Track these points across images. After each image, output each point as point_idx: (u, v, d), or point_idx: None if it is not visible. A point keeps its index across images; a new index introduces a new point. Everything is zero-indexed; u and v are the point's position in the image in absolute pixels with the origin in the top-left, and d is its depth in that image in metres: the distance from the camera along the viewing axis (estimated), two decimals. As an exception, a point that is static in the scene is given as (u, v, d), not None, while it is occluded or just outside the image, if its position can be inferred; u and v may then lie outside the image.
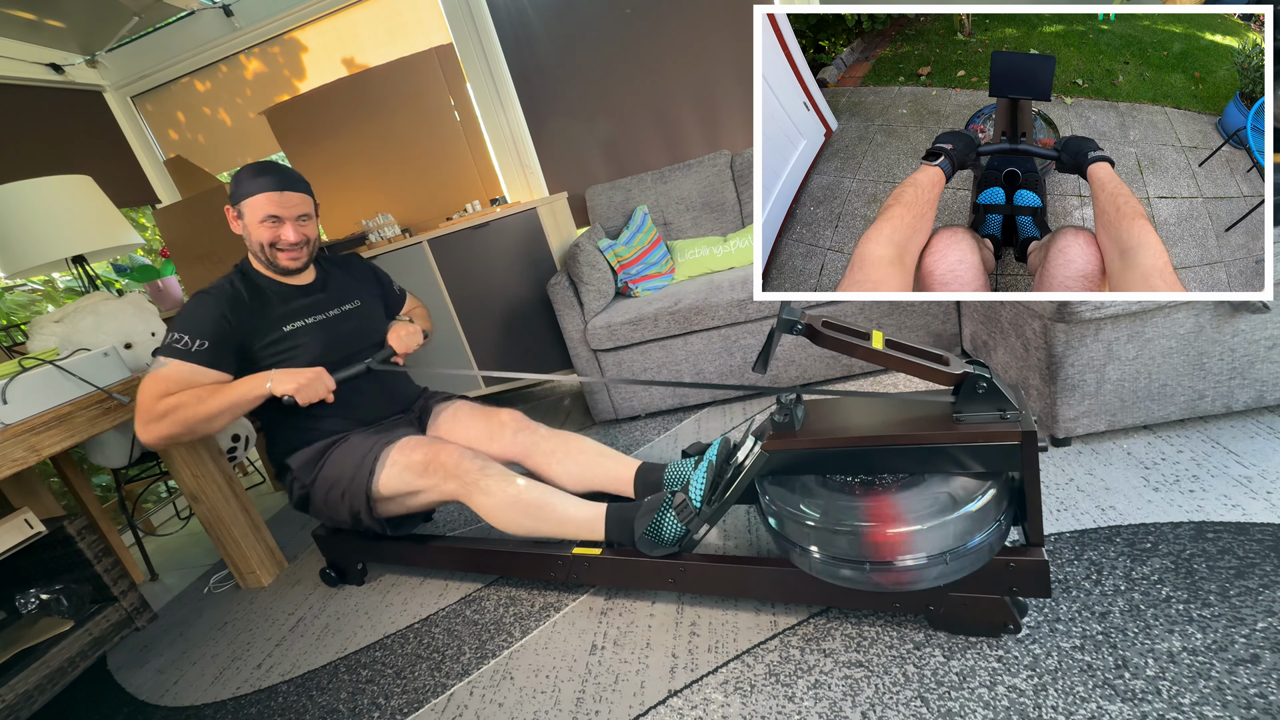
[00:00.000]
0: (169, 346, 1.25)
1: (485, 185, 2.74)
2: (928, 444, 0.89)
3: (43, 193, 1.96)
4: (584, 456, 1.40)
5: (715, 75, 2.53)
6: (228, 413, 1.24)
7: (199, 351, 1.25)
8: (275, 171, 1.33)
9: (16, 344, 2.13)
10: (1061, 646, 0.90)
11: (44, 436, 1.34)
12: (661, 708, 0.98)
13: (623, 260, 2.29)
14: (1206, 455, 1.22)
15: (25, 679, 1.33)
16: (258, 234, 1.33)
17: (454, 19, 2.59)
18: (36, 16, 2.45)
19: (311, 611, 1.54)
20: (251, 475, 2.82)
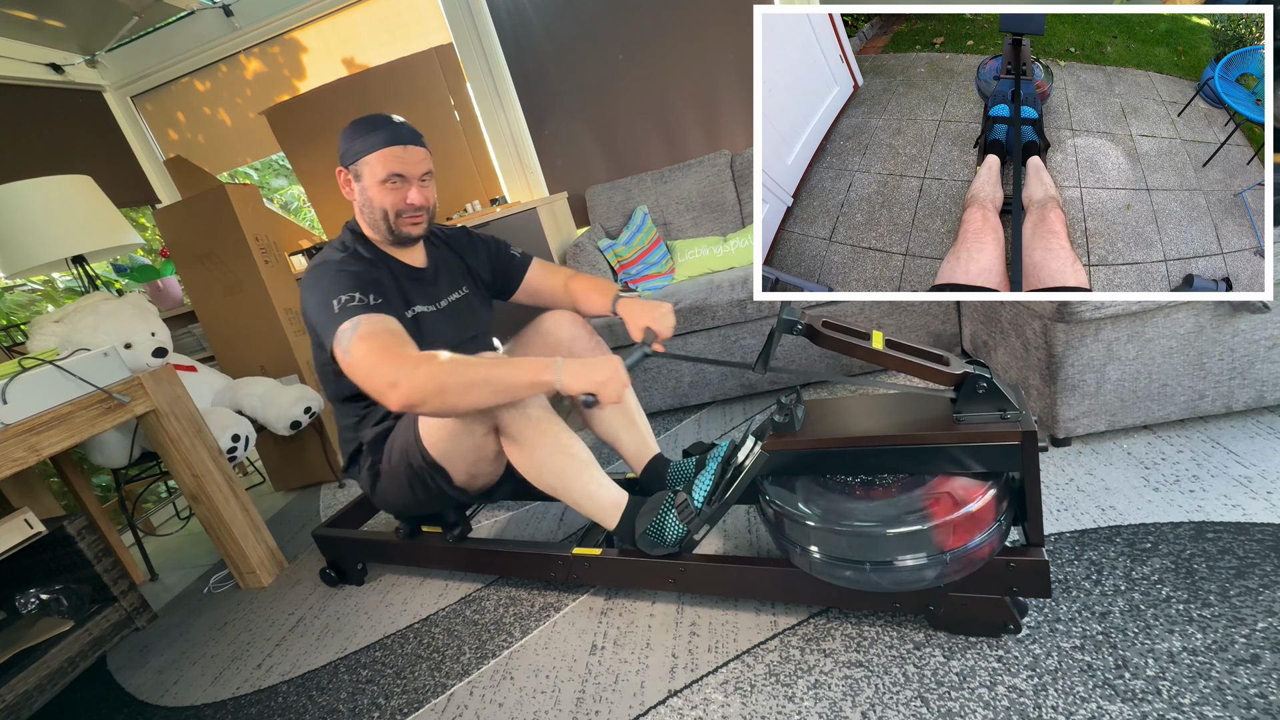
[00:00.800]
0: (345, 309, 1.04)
1: (485, 185, 2.74)
2: (928, 444, 0.89)
3: (43, 193, 1.96)
4: (627, 414, 1.33)
5: (715, 75, 2.53)
6: (491, 388, 1.00)
7: (379, 305, 1.06)
8: (394, 124, 1.15)
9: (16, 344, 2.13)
10: (1061, 646, 0.90)
11: (44, 436, 1.34)
12: (661, 708, 0.98)
13: (623, 260, 2.29)
14: (1206, 455, 1.22)
15: (25, 679, 1.33)
16: (380, 198, 1.16)
17: (454, 19, 2.59)
18: (36, 16, 2.45)
19: (311, 611, 1.54)
20: (251, 475, 2.82)
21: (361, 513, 1.69)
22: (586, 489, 1.14)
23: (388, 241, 1.23)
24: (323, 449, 2.36)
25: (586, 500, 1.15)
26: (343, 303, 1.05)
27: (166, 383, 1.62)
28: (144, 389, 1.55)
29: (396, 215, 1.18)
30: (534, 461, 1.12)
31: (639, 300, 1.29)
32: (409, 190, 1.17)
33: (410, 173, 1.16)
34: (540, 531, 1.61)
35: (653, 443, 1.36)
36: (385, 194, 1.16)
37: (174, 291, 2.66)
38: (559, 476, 1.13)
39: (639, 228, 2.37)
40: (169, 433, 1.60)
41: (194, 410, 1.67)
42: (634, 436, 1.34)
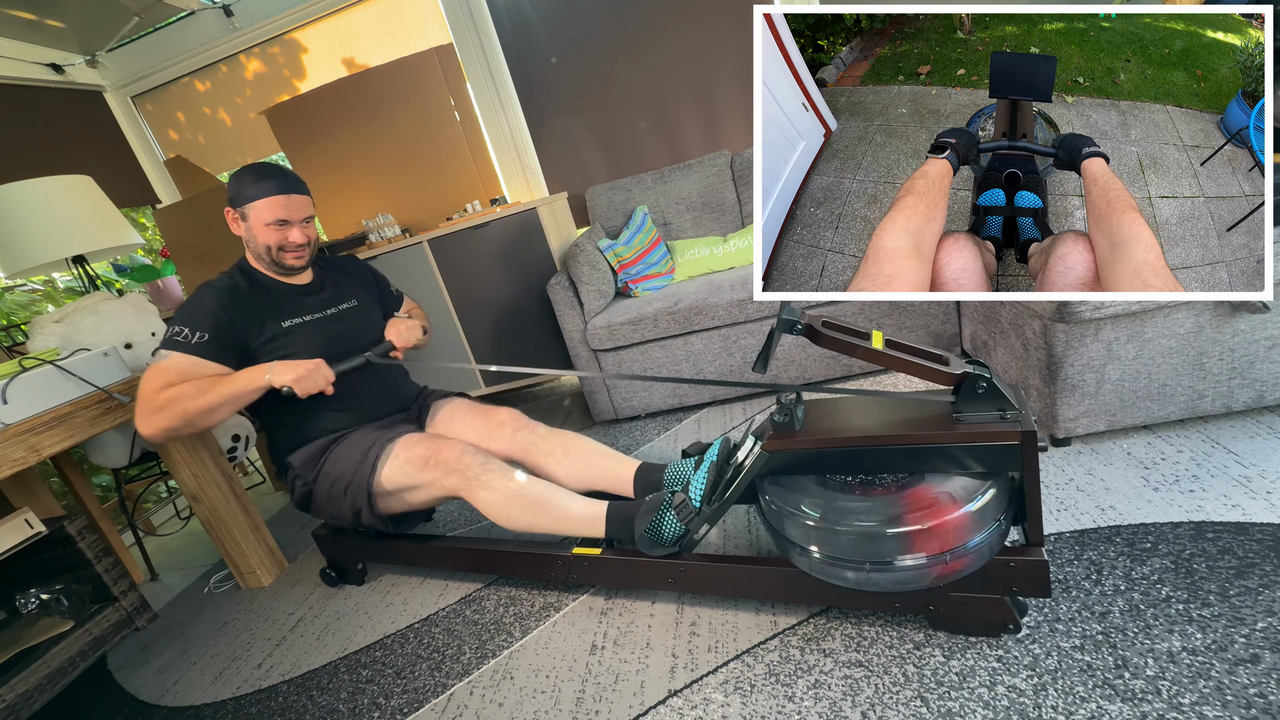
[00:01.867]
0: (170, 340, 1.26)
1: (485, 185, 2.74)
2: (928, 444, 0.89)
3: (43, 193, 1.96)
4: (583, 456, 1.40)
5: (715, 75, 2.53)
6: (227, 405, 1.23)
7: (199, 344, 1.26)
8: (279, 175, 1.34)
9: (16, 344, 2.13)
10: (1061, 646, 0.90)
11: (44, 436, 1.34)
12: (661, 708, 0.98)
13: (623, 260, 2.29)
14: (1206, 455, 1.22)
15: (25, 679, 1.33)
16: (264, 237, 1.34)
17: (454, 19, 2.59)
18: (36, 16, 2.45)
19: (311, 611, 1.54)
20: (251, 475, 2.82)
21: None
22: (558, 519, 1.24)
23: (271, 271, 1.42)
24: (323, 449, 2.35)
25: (565, 524, 1.24)
26: (173, 333, 1.27)
27: (166, 383, 1.61)
28: (144, 389, 1.55)
29: (280, 250, 1.37)
30: (506, 521, 1.27)
31: (398, 319, 1.57)
32: (292, 231, 1.36)
33: (293, 217, 1.35)
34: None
35: (628, 460, 1.38)
36: (270, 233, 1.35)
37: (174, 291, 2.65)
38: (529, 522, 1.26)
39: (639, 228, 2.37)
40: (169, 433, 1.60)
41: (194, 410, 1.67)
42: (605, 467, 1.38)
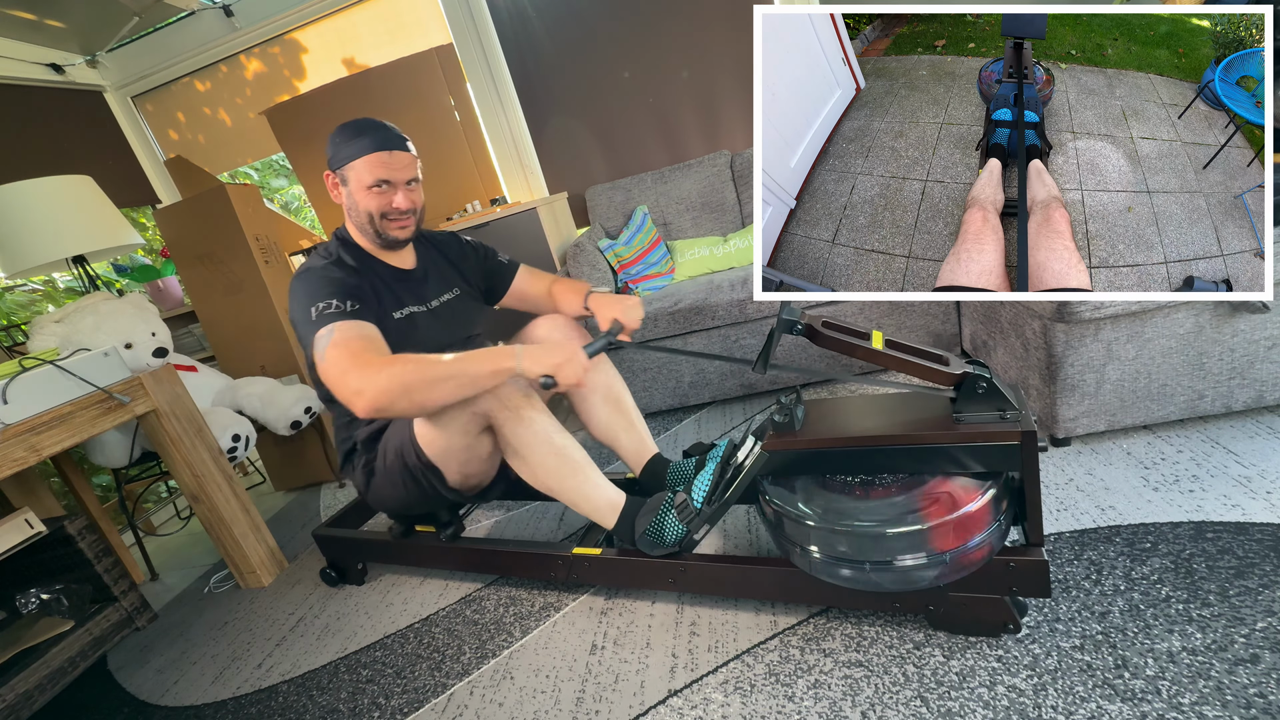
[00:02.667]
0: (322, 316, 1.07)
1: (485, 185, 2.74)
2: (928, 444, 0.89)
3: (43, 193, 1.96)
4: (623, 417, 1.34)
5: (715, 75, 2.53)
6: (456, 382, 1.02)
7: (354, 311, 1.09)
8: (378, 128, 1.17)
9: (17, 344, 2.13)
10: (1061, 646, 0.90)
11: (44, 436, 1.34)
12: (661, 707, 0.98)
13: (623, 260, 2.29)
14: (1206, 455, 1.22)
15: (25, 679, 1.33)
16: (365, 202, 1.18)
17: (454, 19, 2.59)
18: (36, 16, 2.45)
19: (311, 611, 1.54)
20: (251, 475, 2.82)
21: (361, 513, 1.69)
22: (582, 489, 1.16)
23: (375, 244, 1.25)
24: (323, 449, 2.36)
25: (583, 501, 1.16)
26: (320, 309, 1.08)
27: (167, 383, 1.62)
28: (144, 389, 1.55)
29: (382, 218, 1.20)
30: (529, 464, 1.14)
31: (609, 295, 1.33)
32: (395, 195, 1.19)
33: (396, 178, 1.18)
34: (540, 531, 1.61)
35: (651, 443, 1.37)
36: (371, 198, 1.18)
37: (174, 291, 2.66)
38: (554, 477, 1.15)
39: (639, 228, 2.37)
40: (169, 433, 1.60)
41: (194, 410, 1.67)
42: (632, 438, 1.35)
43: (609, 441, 1.36)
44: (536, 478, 1.16)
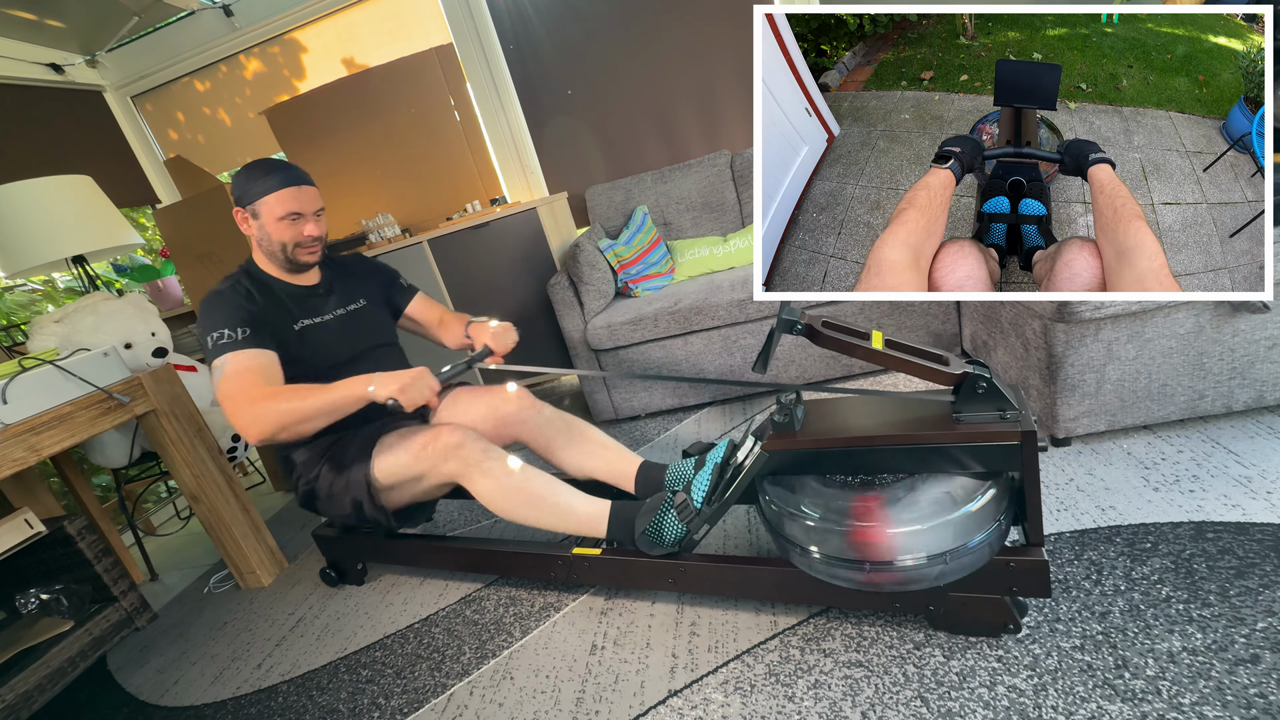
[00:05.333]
0: (217, 346, 1.20)
1: (485, 185, 2.74)
2: (928, 444, 0.89)
3: (43, 193, 1.96)
4: (588, 445, 1.38)
5: (715, 75, 2.53)
6: (325, 415, 1.17)
7: (246, 339, 1.21)
8: (286, 168, 1.29)
9: (16, 344, 2.13)
10: (1061, 646, 0.90)
11: (44, 436, 1.34)
12: (661, 708, 0.98)
13: (623, 260, 2.29)
14: (1206, 455, 1.22)
15: (25, 679, 1.33)
16: (278, 233, 1.29)
17: (454, 19, 2.59)
18: (36, 16, 2.45)
19: (311, 611, 1.54)
20: (251, 475, 2.82)
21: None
22: (556, 513, 1.21)
23: (284, 270, 1.37)
24: (323, 449, 2.35)
25: (563, 523, 1.22)
26: (214, 340, 1.21)
27: (166, 383, 1.62)
28: (144, 389, 1.55)
29: (295, 246, 1.32)
30: (502, 511, 1.23)
31: (484, 324, 1.46)
32: (306, 224, 1.31)
33: (305, 210, 1.30)
34: (540, 531, 1.61)
35: (631, 456, 1.37)
36: (284, 229, 1.29)
37: (174, 291, 2.66)
38: (528, 511, 1.22)
39: (639, 228, 2.37)
40: (169, 433, 1.60)
41: (194, 410, 1.67)
42: (608, 460, 1.37)
43: (589, 475, 1.39)
44: (516, 519, 1.23)
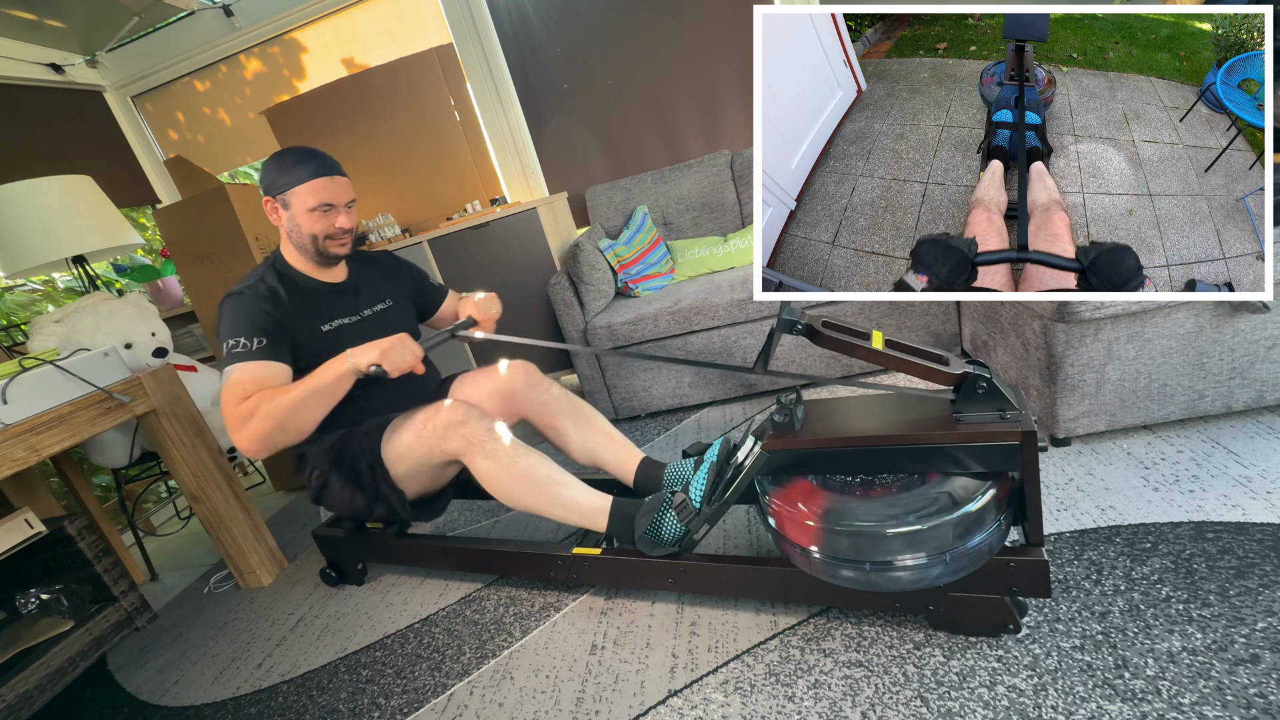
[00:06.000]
0: (230, 354, 1.19)
1: (485, 185, 2.74)
2: (928, 444, 0.89)
3: (43, 193, 1.96)
4: (595, 433, 1.37)
5: (715, 75, 2.53)
6: (313, 399, 1.16)
7: (260, 349, 1.19)
8: (318, 156, 1.26)
9: (16, 344, 2.13)
10: (1061, 646, 0.90)
11: (44, 436, 1.34)
12: (661, 708, 0.98)
13: (623, 260, 2.29)
14: (1206, 455, 1.22)
15: (25, 679, 1.33)
16: (309, 225, 1.26)
17: (454, 19, 2.59)
18: (36, 16, 2.45)
19: (311, 611, 1.54)
20: (251, 475, 2.82)
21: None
22: (559, 502, 1.19)
23: (313, 263, 1.34)
24: (323, 449, 2.36)
25: (563, 512, 1.20)
26: (229, 347, 1.19)
27: (167, 383, 1.62)
28: (144, 389, 1.55)
29: (326, 239, 1.29)
30: (502, 493, 1.21)
31: (471, 296, 1.45)
32: (338, 216, 1.28)
33: (337, 200, 1.27)
34: (540, 531, 1.61)
35: (634, 450, 1.37)
36: (314, 220, 1.26)
37: (174, 291, 2.66)
38: (527, 498, 1.20)
39: (639, 228, 2.37)
40: (169, 433, 1.60)
41: (194, 410, 1.68)
42: (612, 451, 1.36)
43: (592, 461, 1.38)
44: (515, 504, 1.21)
